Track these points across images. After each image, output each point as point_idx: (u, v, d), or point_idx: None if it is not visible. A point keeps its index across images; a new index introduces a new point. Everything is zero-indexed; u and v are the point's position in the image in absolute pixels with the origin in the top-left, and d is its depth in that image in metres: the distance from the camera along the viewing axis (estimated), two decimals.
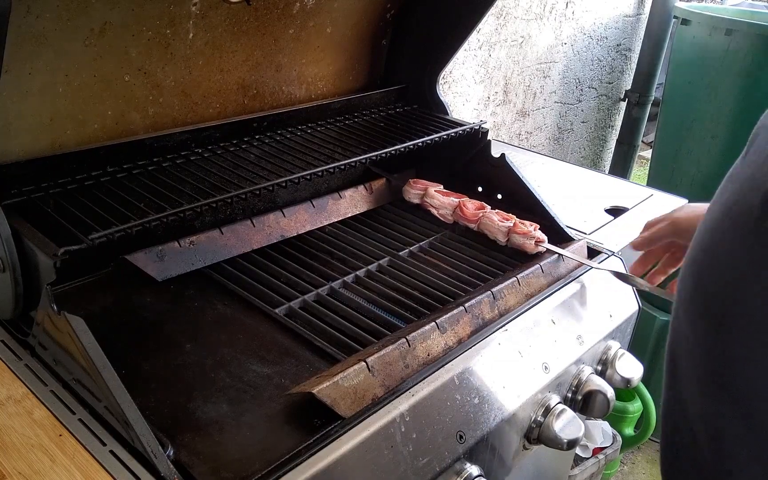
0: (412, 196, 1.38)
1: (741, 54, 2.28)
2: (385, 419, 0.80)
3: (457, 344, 0.94)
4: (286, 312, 1.00)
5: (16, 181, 0.94)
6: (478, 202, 1.30)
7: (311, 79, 1.40)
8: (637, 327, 1.26)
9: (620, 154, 3.27)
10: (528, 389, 0.97)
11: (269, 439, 0.76)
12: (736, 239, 0.58)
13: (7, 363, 0.85)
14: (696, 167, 2.49)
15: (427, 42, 1.47)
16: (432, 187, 1.35)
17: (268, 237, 1.20)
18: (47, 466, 0.70)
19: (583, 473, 1.81)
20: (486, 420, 0.90)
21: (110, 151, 1.05)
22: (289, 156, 1.18)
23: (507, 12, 2.29)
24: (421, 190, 1.36)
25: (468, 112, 2.30)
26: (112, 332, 0.93)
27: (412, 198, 1.38)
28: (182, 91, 1.17)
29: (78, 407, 0.79)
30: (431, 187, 1.35)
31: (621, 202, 1.54)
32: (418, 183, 1.37)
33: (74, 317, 0.73)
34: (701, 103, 2.45)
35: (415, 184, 1.38)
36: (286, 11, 1.24)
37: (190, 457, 0.73)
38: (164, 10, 1.05)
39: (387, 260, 1.17)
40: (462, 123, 1.39)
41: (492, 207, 1.28)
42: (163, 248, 1.06)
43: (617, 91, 3.23)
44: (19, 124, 0.98)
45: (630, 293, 1.23)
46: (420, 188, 1.37)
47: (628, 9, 3.04)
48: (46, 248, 0.79)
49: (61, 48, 0.96)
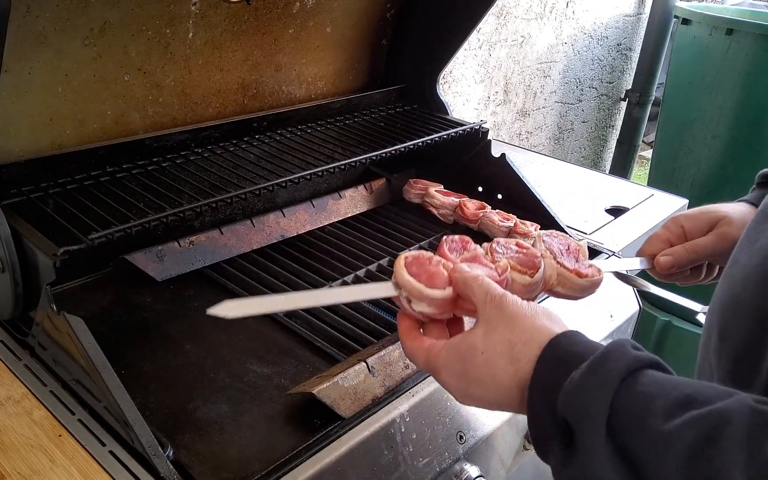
0: (412, 196, 1.37)
1: (741, 54, 2.28)
2: (385, 419, 0.80)
3: None
4: (286, 312, 1.00)
5: (15, 181, 0.94)
6: (478, 202, 1.30)
7: (311, 78, 1.40)
8: (638, 327, 1.26)
9: (620, 154, 3.27)
10: None
11: (269, 439, 0.76)
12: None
13: (7, 363, 0.85)
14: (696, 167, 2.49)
15: (427, 42, 1.47)
16: (432, 187, 1.35)
17: (268, 237, 1.20)
18: (47, 467, 0.70)
19: None
20: (486, 420, 0.90)
21: (110, 150, 1.05)
22: (289, 156, 1.18)
23: (507, 11, 2.28)
24: (421, 190, 1.36)
25: (468, 112, 2.30)
26: (112, 332, 0.93)
27: (412, 198, 1.38)
28: (182, 90, 1.17)
29: (77, 407, 0.78)
30: (431, 187, 1.35)
31: (621, 202, 1.54)
32: (418, 183, 1.37)
33: (74, 317, 0.73)
34: (701, 103, 2.45)
35: (415, 184, 1.37)
36: (286, 11, 1.24)
37: (189, 458, 0.73)
38: (164, 9, 1.05)
39: (387, 260, 1.17)
40: (462, 123, 1.39)
41: (492, 207, 1.28)
42: (162, 248, 1.06)
43: (617, 91, 3.23)
44: (19, 123, 0.98)
45: (631, 293, 1.23)
46: (420, 188, 1.36)
47: (629, 9, 3.04)
48: (46, 248, 0.79)
49: (60, 48, 0.96)
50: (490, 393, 0.61)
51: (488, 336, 0.61)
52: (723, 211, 0.89)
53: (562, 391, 0.53)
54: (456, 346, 0.64)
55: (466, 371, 0.62)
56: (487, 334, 0.62)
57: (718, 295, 0.65)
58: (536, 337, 0.59)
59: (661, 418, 0.48)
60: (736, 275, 0.62)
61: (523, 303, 0.63)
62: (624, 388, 0.51)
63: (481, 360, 0.61)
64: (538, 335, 0.59)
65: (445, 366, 0.65)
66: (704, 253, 0.88)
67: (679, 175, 2.57)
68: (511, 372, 0.59)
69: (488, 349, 0.61)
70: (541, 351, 0.58)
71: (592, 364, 0.53)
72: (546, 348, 0.58)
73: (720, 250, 0.86)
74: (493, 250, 0.79)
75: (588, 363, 0.53)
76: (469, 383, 0.62)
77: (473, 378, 0.62)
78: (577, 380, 0.53)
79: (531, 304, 0.63)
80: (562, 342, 0.58)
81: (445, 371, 0.65)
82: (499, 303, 0.63)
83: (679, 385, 0.50)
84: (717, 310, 0.64)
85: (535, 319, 0.61)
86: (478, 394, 0.62)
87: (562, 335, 0.58)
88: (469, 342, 0.63)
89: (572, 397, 0.52)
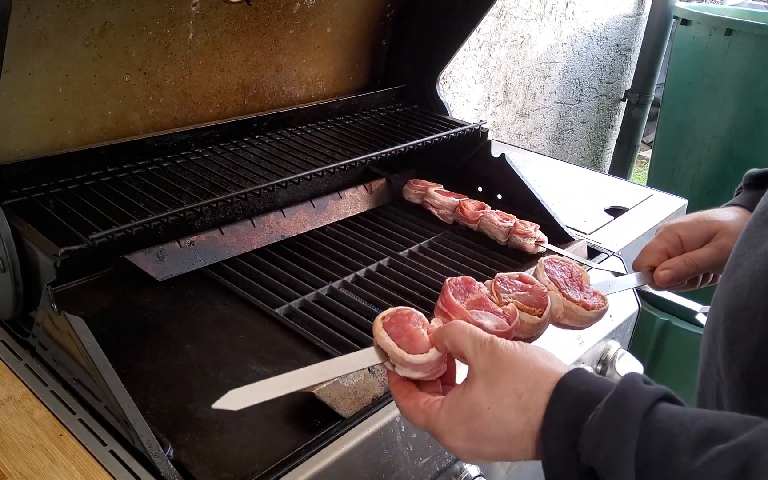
0: (412, 196, 1.38)
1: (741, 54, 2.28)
2: (385, 419, 0.80)
3: None
4: (286, 312, 1.00)
5: (16, 181, 0.94)
6: (478, 202, 1.30)
7: (311, 79, 1.41)
8: (637, 327, 1.26)
9: (620, 154, 3.27)
10: None
11: (269, 439, 0.76)
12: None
13: (7, 363, 0.85)
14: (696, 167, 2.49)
15: (427, 42, 1.48)
16: (432, 187, 1.35)
17: (268, 237, 1.20)
18: (47, 466, 0.70)
19: None
20: None
21: (110, 151, 1.05)
22: (289, 156, 1.18)
23: (507, 12, 2.29)
24: (421, 190, 1.36)
25: (468, 112, 2.30)
26: (112, 332, 0.93)
27: (412, 198, 1.38)
28: (182, 91, 1.17)
29: (78, 407, 0.79)
30: (431, 187, 1.35)
31: (621, 202, 1.54)
32: (418, 183, 1.37)
33: (74, 317, 0.73)
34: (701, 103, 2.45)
35: (415, 184, 1.38)
36: (286, 11, 1.24)
37: (190, 457, 0.73)
38: (164, 10, 1.05)
39: (387, 260, 1.17)
40: (462, 123, 1.39)
41: (492, 207, 1.28)
42: (163, 248, 1.06)
43: (617, 91, 3.23)
44: (20, 124, 0.98)
45: (630, 293, 1.23)
46: (420, 188, 1.37)
47: (628, 9, 3.04)
48: (47, 248, 0.79)
49: (61, 48, 0.97)
50: (503, 447, 0.59)
51: (490, 389, 0.59)
52: (720, 221, 0.88)
53: (583, 436, 0.52)
54: (455, 406, 0.61)
55: (475, 431, 0.60)
56: (488, 388, 0.59)
57: (721, 299, 0.65)
58: (541, 382, 0.57)
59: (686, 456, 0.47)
60: (741, 280, 0.62)
61: (516, 346, 0.60)
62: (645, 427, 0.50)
63: (489, 417, 0.58)
64: (543, 379, 0.57)
65: (448, 430, 0.61)
66: (704, 265, 0.87)
67: (678, 175, 2.57)
68: (522, 421, 0.57)
69: (494, 403, 0.58)
70: (549, 396, 0.56)
71: (609, 404, 0.52)
72: (555, 391, 0.56)
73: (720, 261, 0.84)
74: (498, 289, 0.79)
75: (605, 403, 0.52)
76: (481, 443, 0.60)
77: (484, 437, 0.59)
78: (598, 424, 0.52)
79: (524, 345, 0.61)
80: (570, 383, 0.56)
81: (448, 436, 0.62)
82: (491, 350, 0.60)
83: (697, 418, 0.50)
84: (721, 314, 0.63)
85: (534, 361, 0.59)
86: (491, 451, 0.60)
87: (568, 375, 0.57)
88: (471, 400, 0.60)
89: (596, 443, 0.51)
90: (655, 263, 0.90)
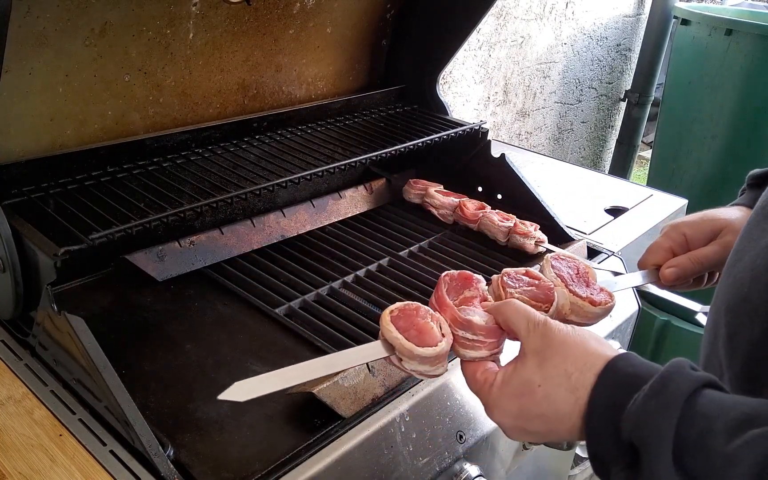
0: (412, 196, 1.38)
1: (741, 54, 2.28)
2: (385, 419, 0.80)
3: None
4: (286, 312, 1.00)
5: (16, 181, 0.94)
6: (478, 202, 1.30)
7: (311, 79, 1.41)
8: (637, 326, 1.26)
9: (620, 154, 3.27)
10: None
11: (269, 439, 0.76)
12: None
13: (7, 363, 0.85)
14: (696, 167, 2.49)
15: (427, 42, 1.48)
16: (432, 187, 1.36)
17: (268, 237, 1.20)
18: (47, 466, 0.70)
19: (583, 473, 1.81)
20: (486, 420, 0.90)
21: (110, 151, 1.05)
22: (289, 156, 1.18)
23: (507, 12, 2.29)
24: (421, 190, 1.36)
25: (468, 112, 2.30)
26: (112, 332, 0.93)
27: (412, 198, 1.38)
28: (182, 91, 1.17)
29: (78, 407, 0.79)
30: (431, 187, 1.35)
31: (621, 202, 1.54)
32: (418, 183, 1.37)
33: (74, 317, 0.73)
34: (701, 103, 2.45)
35: (415, 184, 1.38)
36: (286, 11, 1.24)
37: (190, 457, 0.73)
38: (164, 10, 1.05)
39: (387, 260, 1.17)
40: (462, 123, 1.39)
41: (492, 207, 1.28)
42: (163, 248, 1.06)
43: (617, 91, 3.23)
44: (20, 124, 0.98)
45: (630, 293, 1.23)
46: (420, 188, 1.37)
47: (628, 9, 3.04)
48: (47, 248, 0.79)
49: (61, 48, 0.96)
50: (551, 425, 0.61)
51: (541, 368, 0.61)
52: (724, 219, 0.87)
53: (626, 413, 0.54)
54: (507, 382, 0.64)
55: (524, 408, 0.62)
56: (539, 366, 0.61)
57: (722, 293, 0.65)
58: (591, 363, 0.59)
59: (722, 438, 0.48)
60: (742, 274, 0.62)
61: (568, 328, 0.62)
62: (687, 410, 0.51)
63: (540, 394, 0.61)
64: (593, 361, 0.59)
65: (498, 405, 0.64)
66: (709, 263, 0.87)
67: (678, 175, 2.57)
68: (571, 401, 0.59)
69: (545, 382, 0.60)
70: (597, 377, 0.58)
71: (655, 385, 0.53)
72: (603, 372, 0.58)
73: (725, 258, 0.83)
74: (505, 284, 0.78)
75: (650, 385, 0.53)
76: (529, 420, 0.62)
77: (533, 414, 0.61)
78: (641, 403, 0.53)
79: (575, 328, 0.63)
80: (618, 365, 0.58)
81: (497, 411, 0.65)
82: (543, 331, 0.63)
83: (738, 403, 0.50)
84: (722, 308, 0.64)
85: (585, 344, 0.61)
86: (538, 429, 0.62)
87: (617, 358, 0.58)
88: (522, 377, 0.62)
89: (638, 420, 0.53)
90: (660, 262, 0.90)
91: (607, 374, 0.58)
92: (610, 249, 1.29)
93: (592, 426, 0.57)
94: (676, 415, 0.51)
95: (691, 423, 0.50)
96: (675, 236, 0.90)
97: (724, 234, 0.87)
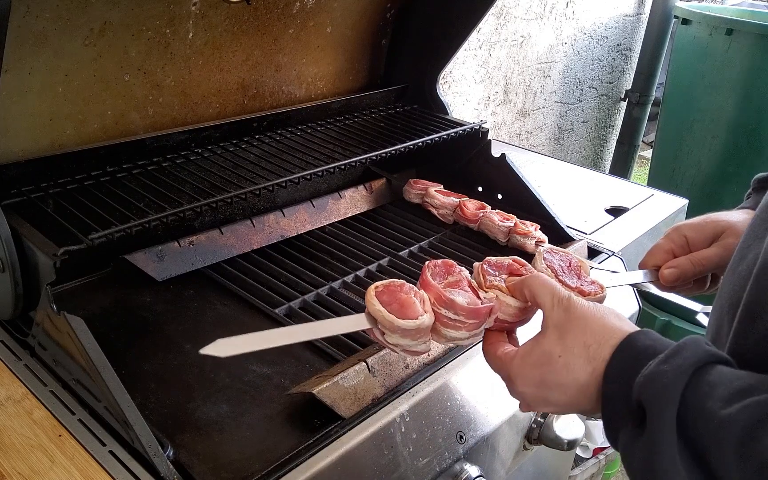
0: (412, 196, 1.37)
1: (741, 54, 2.28)
2: (385, 419, 0.80)
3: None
4: (286, 312, 1.00)
5: (16, 181, 0.94)
6: (478, 202, 1.30)
7: (311, 79, 1.40)
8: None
9: (620, 154, 3.27)
10: None
11: (269, 439, 0.76)
12: None
13: (7, 363, 0.85)
14: (696, 167, 2.49)
15: (427, 42, 1.47)
16: (432, 187, 1.35)
17: (268, 237, 1.20)
18: (47, 467, 0.70)
19: (584, 473, 1.81)
20: (486, 420, 0.90)
21: (110, 150, 1.05)
22: (289, 156, 1.18)
23: (507, 12, 2.29)
24: (421, 190, 1.36)
25: (468, 112, 2.30)
26: (112, 332, 0.93)
27: (412, 198, 1.38)
28: (182, 91, 1.17)
29: (77, 407, 0.78)
30: (431, 187, 1.35)
31: (621, 202, 1.54)
32: (418, 183, 1.37)
33: (74, 317, 0.73)
34: (701, 103, 2.45)
35: (415, 184, 1.37)
36: (286, 11, 1.24)
37: (189, 458, 0.73)
38: (164, 9, 1.05)
39: (387, 260, 1.17)
40: (462, 123, 1.39)
41: (492, 207, 1.28)
42: (162, 248, 1.06)
43: (617, 91, 3.23)
44: (19, 123, 0.98)
45: (630, 293, 1.23)
46: (420, 188, 1.36)
47: (629, 9, 3.04)
48: (46, 248, 0.79)
49: (61, 48, 0.96)
50: (569, 394, 0.63)
51: (563, 340, 0.64)
52: (727, 221, 0.87)
53: (638, 378, 0.56)
54: (528, 353, 0.66)
55: (545, 378, 0.64)
56: (561, 338, 0.64)
57: (725, 292, 0.65)
58: (608, 336, 0.61)
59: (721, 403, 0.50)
60: (746, 272, 0.62)
61: (590, 305, 0.65)
62: (695, 378, 0.53)
63: (560, 364, 0.63)
64: (611, 334, 0.61)
65: (520, 375, 0.67)
66: (710, 265, 0.87)
67: (678, 175, 2.57)
68: (588, 371, 0.61)
69: (565, 352, 0.63)
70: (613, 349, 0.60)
71: (668, 354, 0.56)
72: (620, 344, 0.60)
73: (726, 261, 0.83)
74: (485, 272, 0.78)
75: (664, 354, 0.56)
76: (550, 389, 0.64)
77: (554, 383, 0.64)
78: (654, 366, 0.55)
79: (597, 305, 0.66)
80: (636, 338, 0.60)
81: (519, 380, 0.67)
82: (567, 306, 0.65)
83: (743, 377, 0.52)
84: (726, 306, 0.64)
85: (605, 319, 0.63)
86: (558, 398, 0.64)
87: (635, 333, 0.61)
88: (543, 348, 0.65)
89: (648, 381, 0.55)
90: (660, 263, 0.90)
91: (623, 347, 0.60)
92: (610, 249, 1.29)
93: (606, 391, 0.59)
94: (684, 380, 0.52)
95: (696, 389, 0.52)
96: (676, 238, 0.90)
97: (726, 236, 0.86)
